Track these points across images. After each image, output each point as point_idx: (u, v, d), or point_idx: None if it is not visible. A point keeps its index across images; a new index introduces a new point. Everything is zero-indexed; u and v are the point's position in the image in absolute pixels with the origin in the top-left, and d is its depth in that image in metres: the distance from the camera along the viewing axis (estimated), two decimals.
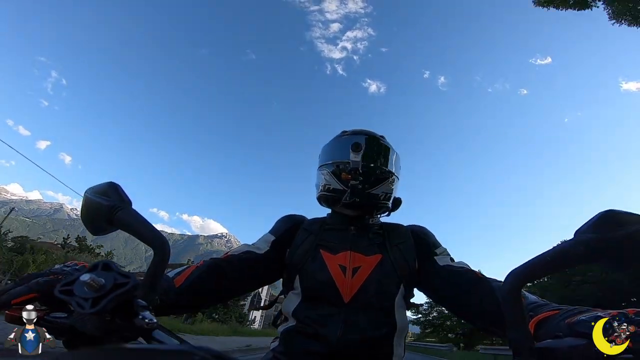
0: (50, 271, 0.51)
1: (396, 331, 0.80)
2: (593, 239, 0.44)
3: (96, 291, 0.41)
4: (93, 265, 0.46)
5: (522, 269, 0.46)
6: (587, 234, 0.45)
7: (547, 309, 0.55)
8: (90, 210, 0.54)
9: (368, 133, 0.96)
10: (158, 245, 0.50)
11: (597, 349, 0.37)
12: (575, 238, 0.46)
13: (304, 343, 0.78)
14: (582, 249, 0.44)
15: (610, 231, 0.44)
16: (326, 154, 0.97)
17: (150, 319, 0.43)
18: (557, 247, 0.47)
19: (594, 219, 0.46)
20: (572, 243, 0.46)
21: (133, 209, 0.53)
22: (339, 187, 0.89)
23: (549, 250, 0.47)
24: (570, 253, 0.45)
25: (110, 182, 0.55)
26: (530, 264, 0.47)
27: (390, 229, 0.94)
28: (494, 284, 0.71)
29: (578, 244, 0.45)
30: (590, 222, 0.47)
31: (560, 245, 0.47)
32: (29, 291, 0.46)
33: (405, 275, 0.84)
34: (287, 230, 0.94)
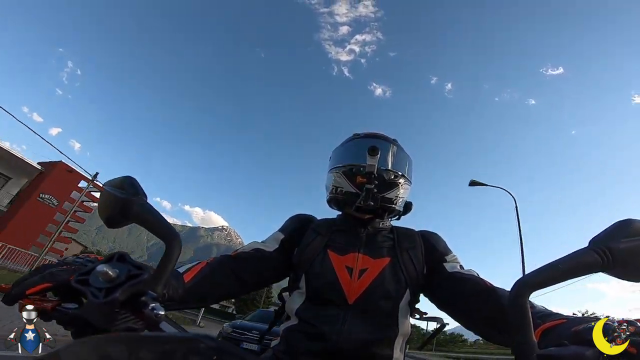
0: (64, 262, 0.52)
1: (398, 336, 0.79)
2: (608, 249, 0.43)
3: (110, 282, 0.43)
4: (109, 256, 0.48)
5: (531, 277, 0.45)
6: (602, 243, 0.44)
7: (553, 318, 0.54)
8: (107, 203, 0.55)
9: (382, 137, 0.96)
10: (170, 240, 0.50)
11: (603, 356, 0.36)
12: (589, 247, 0.45)
13: (306, 342, 0.77)
14: (596, 258, 0.43)
15: (626, 241, 0.43)
16: (339, 157, 0.97)
17: (159, 310, 0.45)
18: (570, 255, 0.45)
19: (610, 228, 0.45)
20: (586, 251, 0.44)
21: (148, 204, 0.53)
22: (352, 190, 0.89)
23: (561, 258, 0.45)
24: (584, 262, 0.43)
25: (127, 176, 0.56)
26: (540, 271, 0.45)
27: (401, 233, 0.94)
28: (503, 293, 0.70)
29: (592, 253, 0.43)
30: (606, 231, 0.45)
31: (574, 254, 0.45)
32: (43, 281, 0.47)
33: (412, 280, 0.84)
34: (297, 229, 0.94)
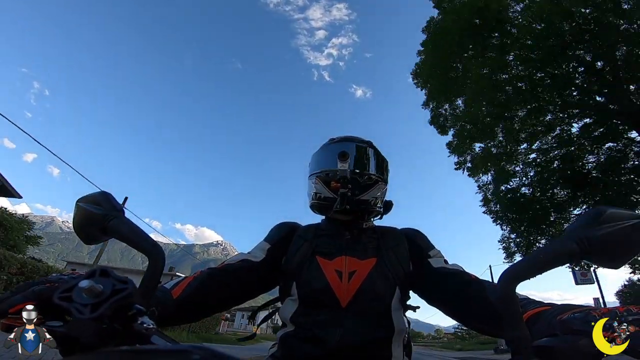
0: (47, 279, 0.50)
1: (394, 334, 0.81)
2: (584, 236, 0.45)
3: (95, 297, 0.41)
4: (91, 271, 0.45)
5: (515, 268, 0.47)
6: (578, 231, 0.46)
7: (536, 306, 0.55)
8: (83, 220, 0.54)
9: (355, 140, 0.96)
10: (152, 252, 0.50)
11: (596, 346, 0.37)
12: (566, 235, 0.47)
13: (303, 348, 0.78)
14: (574, 247, 0.45)
15: (601, 228, 0.45)
16: (315, 163, 0.98)
17: (149, 324, 0.43)
18: (548, 246, 0.47)
19: (585, 216, 0.47)
20: (563, 240, 0.46)
21: (126, 217, 0.53)
22: (330, 195, 0.90)
23: (541, 248, 0.47)
24: (562, 251, 0.46)
25: (101, 191, 0.56)
26: (523, 262, 0.47)
27: (384, 232, 0.95)
28: (488, 285, 0.72)
29: (569, 242, 0.45)
30: (581, 219, 0.47)
31: (552, 243, 0.47)
32: (25, 300, 0.45)
33: (400, 277, 0.85)
34: (282, 237, 0.95)
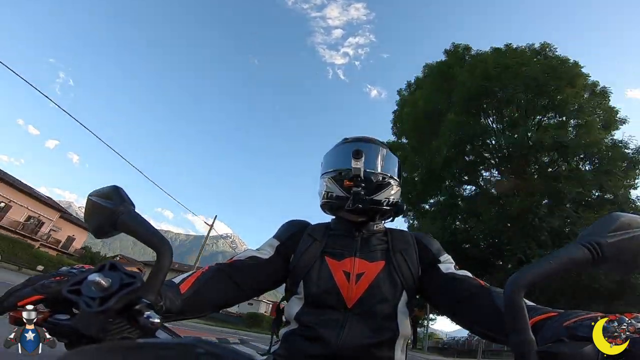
0: (57, 273, 0.51)
1: (398, 337, 0.80)
2: (597, 243, 0.44)
3: (103, 291, 0.42)
4: (100, 265, 0.47)
5: (524, 274, 0.45)
6: (589, 237, 0.45)
7: (543, 312, 0.54)
8: (94, 214, 0.55)
9: (369, 140, 0.98)
10: (160, 248, 0.50)
11: (601, 353, 0.37)
12: (579, 241, 0.45)
13: (306, 346, 0.78)
14: (585, 253, 0.44)
15: (614, 235, 0.44)
16: (328, 162, 0.99)
17: (155, 318, 0.44)
18: (560, 251, 0.46)
19: (599, 223, 0.46)
20: (576, 247, 0.45)
21: (136, 212, 0.53)
22: (342, 194, 0.90)
23: (551, 254, 0.46)
24: (575, 257, 0.44)
25: (113, 186, 0.56)
26: (532, 268, 0.45)
27: (395, 235, 0.95)
28: (497, 292, 0.71)
29: (580, 247, 0.44)
30: (594, 225, 0.46)
31: (564, 249, 0.45)
32: (34, 293, 0.46)
33: (408, 281, 0.85)
34: (291, 235, 0.95)
